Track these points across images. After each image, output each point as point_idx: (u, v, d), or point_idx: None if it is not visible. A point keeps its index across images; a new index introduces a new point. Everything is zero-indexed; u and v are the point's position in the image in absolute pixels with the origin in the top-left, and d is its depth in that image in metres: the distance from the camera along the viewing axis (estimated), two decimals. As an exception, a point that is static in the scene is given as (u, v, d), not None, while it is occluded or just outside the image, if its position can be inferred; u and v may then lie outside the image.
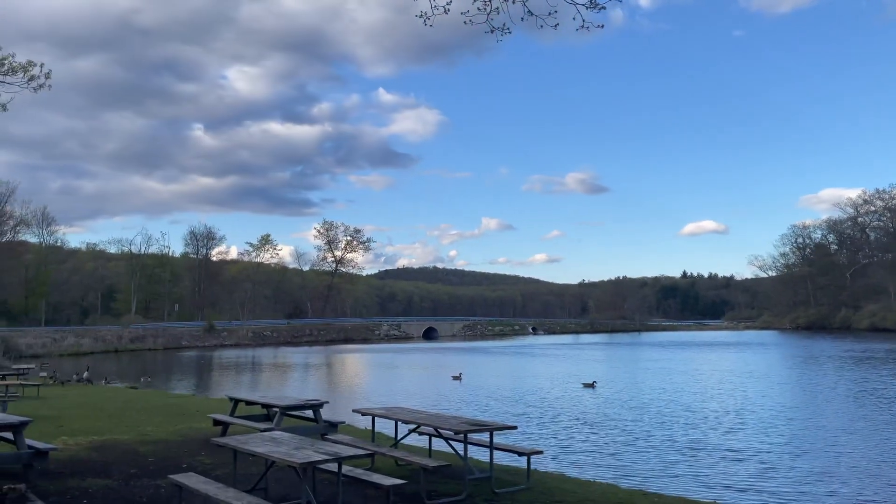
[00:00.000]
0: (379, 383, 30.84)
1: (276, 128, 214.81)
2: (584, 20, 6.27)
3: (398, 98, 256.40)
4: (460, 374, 30.95)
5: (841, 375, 29.13)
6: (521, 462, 9.08)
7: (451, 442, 7.93)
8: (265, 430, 9.81)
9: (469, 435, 7.51)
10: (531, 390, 25.37)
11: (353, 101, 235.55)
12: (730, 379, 28.82)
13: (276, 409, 10.65)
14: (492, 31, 6.40)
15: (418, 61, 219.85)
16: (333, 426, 10.72)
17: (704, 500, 8.32)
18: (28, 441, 8.53)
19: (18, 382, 19.54)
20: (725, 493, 9.39)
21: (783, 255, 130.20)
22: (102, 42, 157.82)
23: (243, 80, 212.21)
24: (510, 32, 6.55)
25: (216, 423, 11.71)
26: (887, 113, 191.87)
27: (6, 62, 11.62)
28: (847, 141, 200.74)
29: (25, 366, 28.12)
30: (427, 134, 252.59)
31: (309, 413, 10.89)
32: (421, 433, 8.84)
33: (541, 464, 9.36)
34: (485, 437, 7.67)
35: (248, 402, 11.55)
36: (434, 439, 9.21)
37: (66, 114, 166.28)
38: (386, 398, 22.76)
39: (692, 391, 24.04)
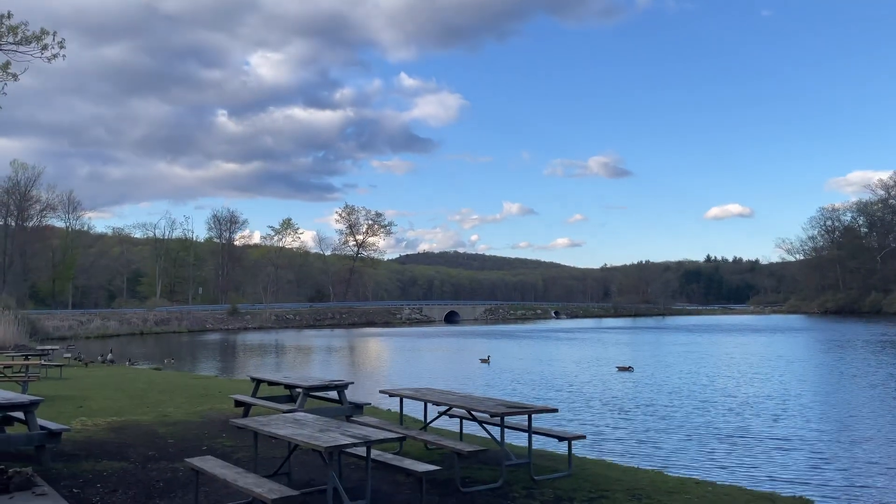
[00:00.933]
0: (403, 365, 30.40)
1: (299, 113, 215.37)
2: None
3: (420, 83, 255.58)
4: (488, 356, 30.41)
5: (880, 360, 28.09)
6: (560, 448, 8.53)
7: (485, 425, 7.37)
8: (287, 412, 9.35)
9: (506, 418, 6.94)
10: (561, 374, 24.70)
11: (375, 86, 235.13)
12: (765, 363, 27.91)
13: (300, 390, 10.18)
14: None
15: (440, 45, 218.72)
16: (359, 408, 10.24)
17: (759, 490, 7.68)
18: (41, 422, 8.14)
19: (40, 363, 19.37)
20: (778, 483, 8.72)
21: (811, 238, 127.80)
22: (128, 29, 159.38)
23: (266, 66, 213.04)
24: None
25: (238, 403, 11.29)
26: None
27: (19, 31, 11.24)
28: (876, 122, 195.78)
29: (50, 347, 28.14)
30: (449, 118, 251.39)
31: (333, 394, 10.41)
32: (452, 416, 8.31)
33: (578, 449, 8.77)
34: (522, 420, 7.10)
35: (271, 383, 11.12)
36: (465, 423, 8.67)
37: (93, 101, 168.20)
38: (411, 380, 22.30)
39: (728, 375, 23.21)
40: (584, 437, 7.77)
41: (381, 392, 8.72)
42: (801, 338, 45.46)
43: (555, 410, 7.10)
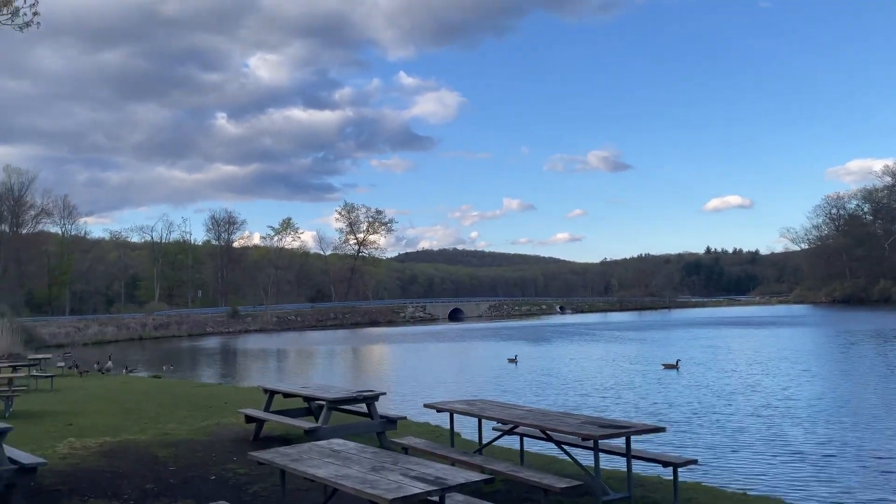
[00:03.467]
0: (422, 368, 28.53)
1: (298, 114, 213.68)
2: None
3: (419, 81, 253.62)
4: (516, 356, 28.86)
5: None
6: (659, 470, 6.95)
7: (565, 447, 5.88)
8: (310, 430, 7.85)
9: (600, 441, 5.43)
10: (598, 374, 23.02)
11: (374, 85, 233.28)
12: (806, 359, 26.04)
13: (322, 403, 8.68)
14: None
15: (438, 43, 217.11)
16: (392, 423, 8.75)
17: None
18: (12, 453, 6.63)
19: (27, 375, 17.83)
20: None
21: (816, 226, 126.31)
22: (127, 34, 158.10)
23: (265, 68, 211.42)
24: None
25: (249, 419, 9.80)
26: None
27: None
28: (874, 111, 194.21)
29: (42, 356, 26.56)
30: (448, 116, 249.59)
31: (361, 407, 8.92)
32: (515, 433, 6.81)
33: (664, 470, 7.21)
34: (616, 441, 5.60)
35: (287, 395, 9.62)
36: (528, 440, 7.17)
37: (91, 107, 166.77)
38: (437, 386, 20.72)
39: (784, 374, 21.24)
40: (695, 461, 6.23)
41: (426, 406, 7.21)
42: (829, 330, 43.49)
43: (661, 430, 5.54)
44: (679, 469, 5.80)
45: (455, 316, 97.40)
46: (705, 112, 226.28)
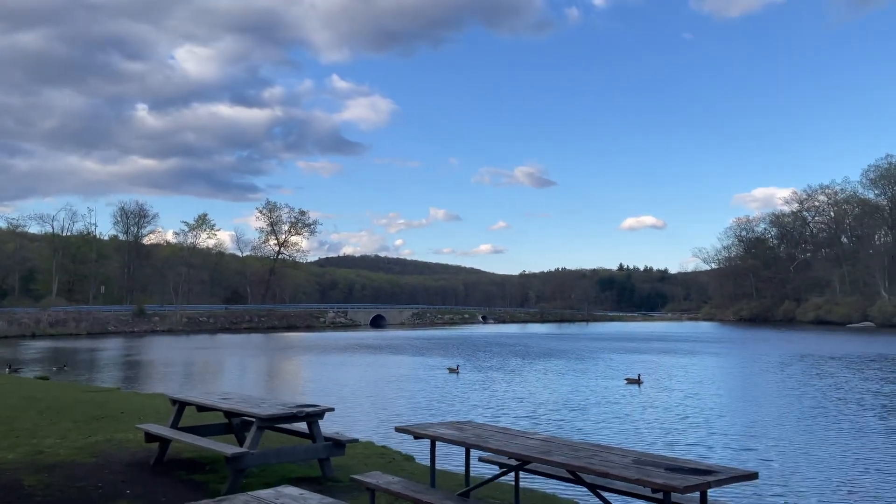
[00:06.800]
0: (355, 378, 25.60)
1: (225, 110, 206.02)
2: None
3: (352, 85, 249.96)
4: (457, 366, 26.98)
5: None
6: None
7: (603, 492, 4.26)
8: (234, 457, 5.94)
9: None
10: (561, 389, 21.39)
11: (305, 86, 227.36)
12: (768, 376, 25.49)
13: (250, 420, 6.76)
14: None
15: (374, 49, 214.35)
16: (340, 447, 6.90)
17: None
18: None
19: None
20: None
21: (726, 247, 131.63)
22: (47, 16, 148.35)
23: (193, 61, 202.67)
24: None
25: (150, 437, 7.71)
26: (819, 117, 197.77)
27: None
28: (778, 143, 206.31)
29: None
30: (379, 122, 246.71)
31: (300, 425, 7.04)
32: (526, 470, 5.12)
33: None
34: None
35: (202, 408, 7.59)
36: (523, 474, 5.51)
37: (3, 90, 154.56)
38: (381, 401, 18.71)
39: (755, 391, 20.51)
40: None
41: (397, 430, 5.41)
42: (761, 349, 43.81)
43: (753, 476, 3.92)
44: None
45: (377, 323, 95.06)
46: (626, 135, 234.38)
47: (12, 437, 9.51)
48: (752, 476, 3.79)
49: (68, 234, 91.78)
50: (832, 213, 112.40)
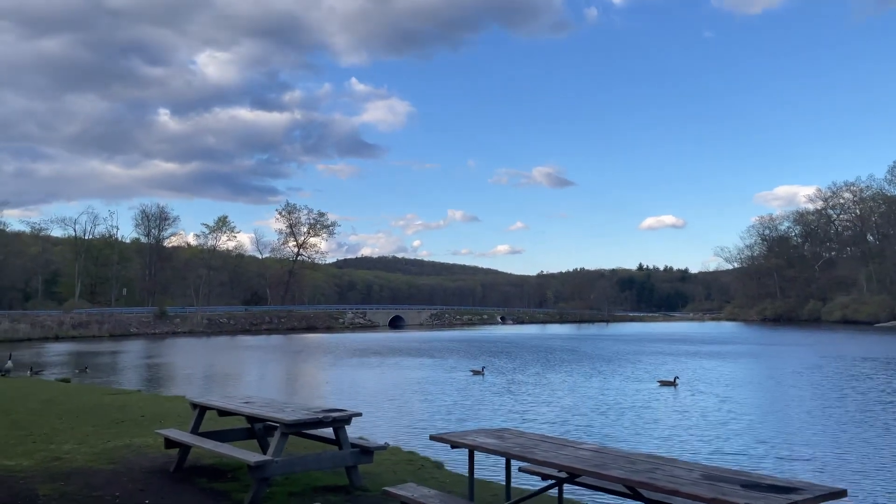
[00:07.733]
0: (375, 380, 25.36)
1: (245, 114, 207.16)
2: None
3: (370, 88, 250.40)
4: (482, 367, 26.56)
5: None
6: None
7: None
8: (257, 465, 5.59)
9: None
10: (591, 392, 20.84)
11: (325, 89, 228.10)
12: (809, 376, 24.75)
13: (274, 425, 6.41)
14: None
15: (393, 52, 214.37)
16: (368, 454, 6.52)
17: None
18: None
19: None
20: None
21: (749, 246, 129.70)
22: (70, 22, 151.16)
23: (213, 66, 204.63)
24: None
25: (170, 443, 7.40)
26: (842, 114, 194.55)
27: None
28: (801, 141, 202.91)
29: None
30: (397, 124, 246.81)
31: (328, 431, 6.67)
32: (576, 484, 4.69)
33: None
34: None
35: (224, 412, 7.25)
36: (566, 486, 5.10)
37: (26, 95, 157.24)
38: (404, 404, 18.26)
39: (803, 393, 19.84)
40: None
41: (432, 438, 5.03)
42: (785, 348, 43.08)
43: (843, 494, 3.53)
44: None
45: (396, 323, 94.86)
46: (645, 134, 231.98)
47: (29, 443, 9.27)
48: (842, 494, 3.36)
49: (90, 237, 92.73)
50: (857, 211, 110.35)
